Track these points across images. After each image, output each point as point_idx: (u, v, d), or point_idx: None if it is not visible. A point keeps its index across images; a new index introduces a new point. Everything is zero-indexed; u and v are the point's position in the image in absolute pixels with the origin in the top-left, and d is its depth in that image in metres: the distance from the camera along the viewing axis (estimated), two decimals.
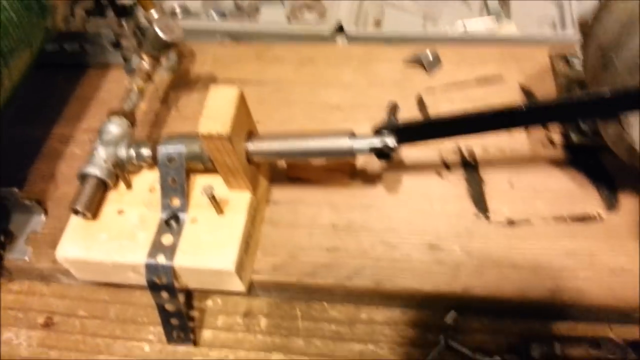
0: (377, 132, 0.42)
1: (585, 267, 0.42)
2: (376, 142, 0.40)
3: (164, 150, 0.43)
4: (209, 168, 0.44)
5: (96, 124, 0.58)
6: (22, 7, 0.47)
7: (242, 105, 0.41)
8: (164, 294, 0.42)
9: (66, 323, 0.48)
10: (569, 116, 0.41)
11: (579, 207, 0.45)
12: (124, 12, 0.72)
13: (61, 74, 0.64)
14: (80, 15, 0.80)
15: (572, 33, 0.60)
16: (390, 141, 0.40)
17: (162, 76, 0.61)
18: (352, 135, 0.41)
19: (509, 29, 0.63)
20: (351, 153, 0.41)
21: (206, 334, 0.46)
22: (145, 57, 0.51)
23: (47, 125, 0.59)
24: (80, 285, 0.50)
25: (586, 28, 0.41)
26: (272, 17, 0.69)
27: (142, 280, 0.43)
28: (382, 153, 0.40)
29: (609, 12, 0.39)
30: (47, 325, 0.48)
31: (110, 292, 0.49)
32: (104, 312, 0.48)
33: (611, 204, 0.45)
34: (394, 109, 0.44)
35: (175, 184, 0.43)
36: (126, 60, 0.62)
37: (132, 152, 0.45)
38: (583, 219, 0.45)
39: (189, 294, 0.48)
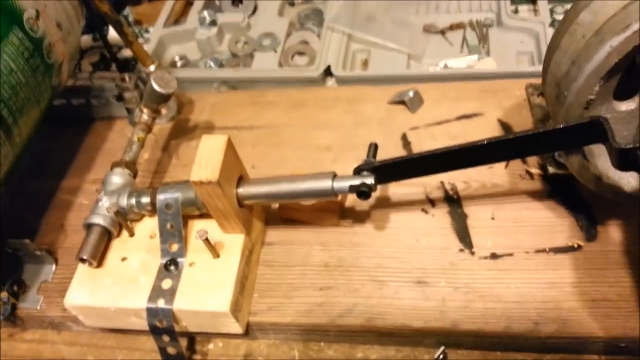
0: (357, 172, 0.44)
1: (569, 298, 0.44)
2: (356, 182, 0.43)
3: (161, 197, 0.46)
4: (205, 213, 0.47)
5: (102, 174, 0.60)
6: (28, 68, 0.51)
7: (231, 151, 0.44)
8: (165, 338, 0.45)
9: None
10: (529, 150, 0.44)
11: (559, 238, 0.47)
12: (126, 66, 0.77)
13: (69, 127, 0.68)
14: (86, 69, 0.85)
15: None
16: (369, 180, 0.43)
17: (163, 125, 0.65)
18: (335, 176, 0.44)
19: (488, 64, 0.66)
20: (333, 193, 0.43)
21: None
22: (144, 109, 0.55)
23: (57, 177, 0.63)
24: (90, 332, 0.53)
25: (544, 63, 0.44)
26: (265, 64, 0.73)
27: (144, 324, 0.45)
28: (362, 192, 0.43)
29: (560, 48, 0.41)
30: None
31: (118, 338, 0.52)
32: (111, 357, 0.51)
33: (590, 234, 0.47)
34: (373, 149, 0.47)
35: (173, 230, 0.46)
36: (129, 112, 0.66)
37: (133, 201, 0.48)
38: (564, 250, 0.46)
39: (191, 338, 0.50)
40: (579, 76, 0.38)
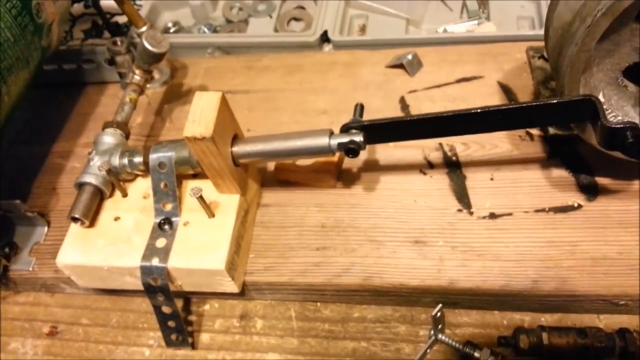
0: (345, 129, 0.44)
1: (568, 257, 0.43)
2: (344, 139, 0.42)
3: (154, 156, 0.45)
4: (199, 173, 0.46)
5: (94, 138, 0.61)
6: (18, 27, 0.49)
7: (225, 108, 0.43)
8: (160, 297, 0.44)
9: (70, 331, 0.50)
10: (519, 123, 0.43)
11: (559, 197, 0.47)
12: (118, 31, 0.75)
13: (61, 92, 0.67)
14: (78, 36, 0.83)
15: None
16: (357, 138, 0.42)
17: (156, 90, 0.64)
18: (332, 133, 0.43)
19: (488, 28, 0.65)
20: (330, 151, 0.42)
21: (204, 337, 0.47)
22: (136, 70, 0.53)
23: (49, 142, 0.62)
24: (83, 295, 0.52)
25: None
26: (260, 30, 0.72)
27: (139, 284, 0.45)
28: (350, 149, 0.42)
29: (556, 16, 0.41)
30: (52, 334, 0.50)
31: (112, 300, 0.51)
32: (106, 320, 0.50)
33: (590, 193, 0.46)
34: (360, 109, 0.46)
35: (167, 189, 0.45)
36: (122, 76, 0.64)
37: (125, 160, 0.47)
38: (563, 209, 0.46)
39: (187, 299, 0.50)
40: (582, 27, 0.37)
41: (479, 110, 0.40)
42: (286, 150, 0.43)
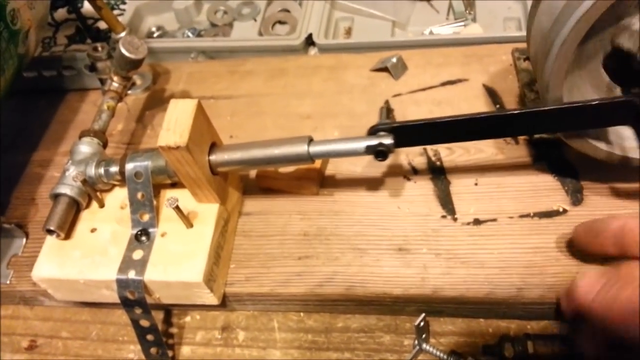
0: (373, 132, 0.42)
1: (553, 263, 0.42)
2: (372, 142, 0.41)
3: (130, 165, 0.44)
4: (177, 182, 0.45)
5: None
6: None
7: (202, 116, 0.42)
8: (137, 310, 0.43)
9: (49, 345, 0.49)
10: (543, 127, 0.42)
11: (545, 202, 0.46)
12: (100, 36, 0.74)
13: (41, 99, 0.66)
14: (61, 42, 0.82)
15: None
16: (387, 140, 0.41)
17: (138, 96, 0.63)
18: (311, 140, 0.42)
19: (474, 30, 0.64)
20: (309, 158, 0.41)
21: (185, 350, 0.46)
22: (114, 77, 0.52)
23: (28, 150, 0.61)
24: (63, 307, 0.51)
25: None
26: (244, 33, 0.71)
27: (116, 297, 0.44)
28: (380, 152, 0.41)
29: (537, 20, 0.40)
30: (31, 347, 0.49)
31: (92, 312, 0.50)
32: (85, 333, 0.49)
33: (576, 198, 0.46)
34: (386, 111, 0.45)
35: (144, 199, 0.44)
36: (103, 82, 0.63)
37: (101, 170, 0.46)
38: (548, 214, 0.45)
39: (168, 311, 0.49)
40: (566, 25, 0.36)
41: (516, 112, 0.39)
42: (265, 158, 0.42)
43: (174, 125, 0.40)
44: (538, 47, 0.41)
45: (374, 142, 0.41)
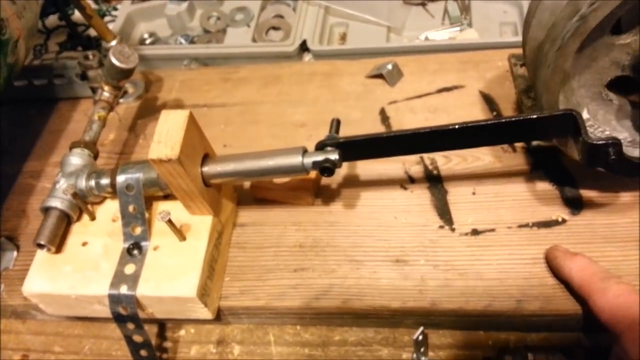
0: (320, 147, 0.42)
1: (552, 275, 0.42)
2: (319, 157, 0.40)
3: (121, 178, 0.43)
4: (169, 194, 0.44)
5: None
6: None
7: (194, 127, 0.41)
8: (130, 325, 0.42)
9: None
10: (501, 138, 0.42)
11: (543, 212, 0.45)
12: (91, 44, 0.73)
13: (31, 108, 0.65)
14: (53, 49, 0.81)
15: None
16: (333, 156, 0.40)
17: (130, 104, 0.62)
18: (305, 151, 0.41)
19: (469, 35, 0.64)
20: (304, 169, 0.41)
21: None
22: (105, 86, 0.52)
23: (19, 161, 0.60)
24: (56, 321, 0.50)
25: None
26: (238, 40, 0.70)
27: (108, 312, 0.43)
28: (325, 168, 0.40)
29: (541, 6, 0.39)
30: None
31: (85, 326, 0.49)
32: (78, 347, 0.48)
33: (575, 207, 0.45)
34: (336, 124, 0.44)
35: (136, 212, 0.43)
36: (94, 91, 0.62)
37: (92, 183, 0.45)
38: (547, 224, 0.44)
39: (162, 325, 0.48)
40: (552, 49, 0.36)
41: (457, 127, 0.38)
42: (259, 170, 0.42)
43: (165, 137, 0.39)
44: (534, 53, 0.41)
45: (319, 157, 0.41)
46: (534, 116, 0.37)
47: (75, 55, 0.80)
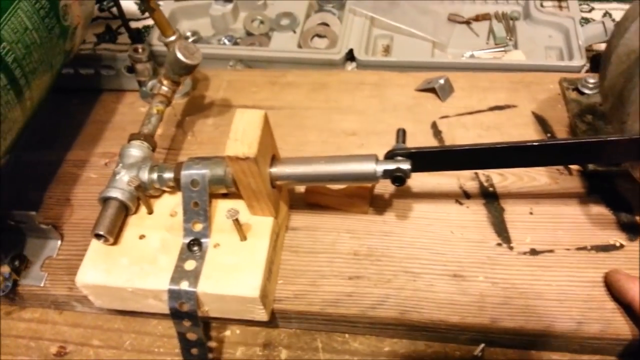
0: (390, 156, 0.42)
1: (612, 299, 0.42)
2: (390, 166, 0.40)
3: (186, 173, 0.42)
4: (231, 192, 0.44)
5: (111, 148, 0.58)
6: (44, 28, 0.47)
7: (267, 128, 0.41)
8: (186, 322, 0.41)
9: (80, 353, 0.47)
10: (581, 158, 0.42)
11: (600, 235, 0.45)
12: (139, 37, 0.73)
13: (74, 98, 0.64)
14: (90, 39, 0.80)
15: (580, 62, 0.62)
16: (405, 165, 0.40)
17: (177, 101, 0.61)
18: (377, 159, 0.41)
19: (516, 56, 0.64)
20: (375, 178, 0.41)
21: None
22: (164, 81, 0.51)
23: (63, 149, 0.59)
24: (95, 314, 0.49)
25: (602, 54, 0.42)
26: (283, 45, 0.70)
27: (162, 307, 0.42)
28: (397, 177, 0.40)
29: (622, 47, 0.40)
30: (60, 354, 0.47)
31: (125, 320, 0.48)
32: (118, 342, 0.47)
33: (632, 232, 0.45)
34: (402, 134, 0.44)
35: (198, 208, 0.43)
36: (141, 84, 0.62)
37: (155, 176, 0.44)
38: (605, 248, 0.45)
39: (206, 324, 0.47)
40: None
41: (535, 144, 0.38)
42: (329, 175, 0.42)
43: (242, 135, 0.39)
44: (624, 70, 0.41)
45: (391, 166, 0.41)
46: (617, 138, 0.37)
47: (114, 47, 0.79)
